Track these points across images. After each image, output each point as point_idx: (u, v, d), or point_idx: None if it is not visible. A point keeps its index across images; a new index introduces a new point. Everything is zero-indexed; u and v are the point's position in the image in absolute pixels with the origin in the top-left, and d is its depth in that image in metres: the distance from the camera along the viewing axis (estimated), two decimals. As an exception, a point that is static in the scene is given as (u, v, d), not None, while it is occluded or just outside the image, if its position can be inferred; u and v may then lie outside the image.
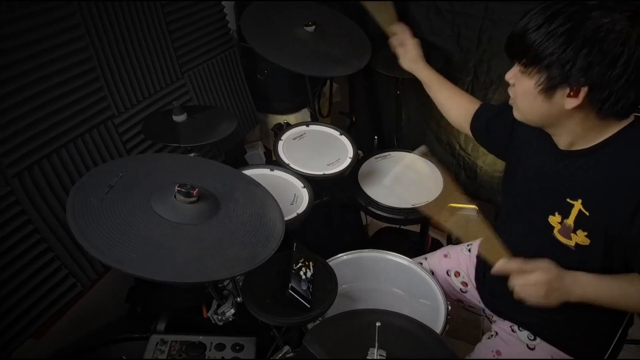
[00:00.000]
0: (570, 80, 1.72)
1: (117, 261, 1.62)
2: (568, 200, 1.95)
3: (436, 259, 2.91)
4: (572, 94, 1.75)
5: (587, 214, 1.90)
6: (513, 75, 1.94)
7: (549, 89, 1.79)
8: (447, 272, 2.82)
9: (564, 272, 1.96)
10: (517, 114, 2.02)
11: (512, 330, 2.41)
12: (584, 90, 1.72)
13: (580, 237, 1.95)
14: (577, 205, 1.92)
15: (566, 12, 1.69)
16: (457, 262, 2.83)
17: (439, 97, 2.78)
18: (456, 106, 2.70)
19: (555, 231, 2.03)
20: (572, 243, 1.98)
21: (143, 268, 1.64)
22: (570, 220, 1.96)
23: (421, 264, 2.86)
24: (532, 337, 2.34)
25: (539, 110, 1.88)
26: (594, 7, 1.65)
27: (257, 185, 2.27)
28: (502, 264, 2.03)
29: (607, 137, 1.84)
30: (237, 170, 2.34)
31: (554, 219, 2.03)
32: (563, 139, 1.96)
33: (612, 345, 2.24)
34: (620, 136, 1.83)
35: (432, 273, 2.80)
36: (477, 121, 2.59)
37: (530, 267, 1.96)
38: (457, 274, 2.79)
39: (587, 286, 1.96)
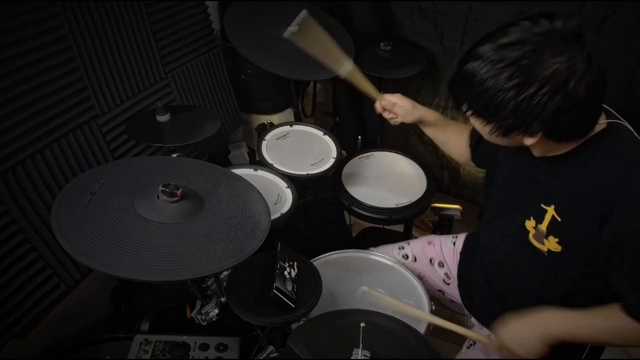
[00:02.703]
0: (525, 129, 1.73)
1: (104, 265, 1.62)
2: (542, 205, 1.96)
3: (419, 245, 2.90)
4: (527, 135, 1.76)
5: (559, 219, 1.91)
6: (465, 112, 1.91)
7: (504, 134, 1.80)
8: (431, 261, 2.82)
9: (527, 322, 2.04)
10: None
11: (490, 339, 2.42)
12: (538, 134, 1.74)
13: (552, 244, 1.95)
14: (550, 210, 1.93)
15: (515, 60, 1.65)
16: (440, 251, 2.83)
17: (446, 134, 2.72)
18: (462, 138, 2.65)
19: (530, 236, 2.04)
20: (544, 249, 1.99)
21: (129, 270, 1.64)
22: (543, 226, 1.97)
23: (402, 247, 2.88)
24: None
25: (500, 142, 1.88)
26: (539, 51, 1.63)
27: (240, 179, 2.27)
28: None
29: (578, 144, 1.84)
30: (219, 167, 2.33)
31: (530, 224, 2.03)
32: (535, 152, 1.97)
33: (586, 350, 2.25)
34: (591, 142, 1.83)
35: (414, 259, 2.83)
36: (476, 152, 2.59)
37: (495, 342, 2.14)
38: (441, 264, 2.79)
39: (559, 324, 2.00)
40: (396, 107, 2.65)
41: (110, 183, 1.97)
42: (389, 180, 3.24)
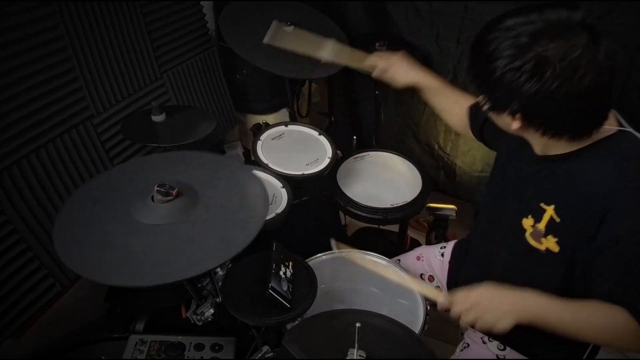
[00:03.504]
0: (505, 105, 1.74)
1: (103, 278, 1.63)
2: (542, 205, 1.94)
3: (410, 261, 2.90)
4: (510, 115, 1.77)
5: (558, 220, 1.90)
6: None
7: (492, 109, 1.80)
8: (421, 276, 2.82)
9: (507, 290, 1.93)
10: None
11: (483, 342, 2.41)
12: (518, 117, 1.75)
13: (551, 243, 1.94)
14: (550, 210, 1.92)
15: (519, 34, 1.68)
16: (429, 266, 2.83)
17: (444, 103, 2.66)
18: (462, 107, 2.58)
19: (527, 234, 2.02)
20: (542, 247, 1.97)
21: (127, 278, 1.65)
22: (541, 225, 1.95)
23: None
24: (502, 347, 2.33)
25: (496, 121, 1.89)
26: (539, 35, 1.64)
27: (238, 165, 2.27)
28: (442, 301, 2.08)
29: (582, 146, 1.83)
30: (213, 155, 2.33)
31: (527, 222, 2.02)
32: (535, 147, 1.97)
33: (589, 349, 2.23)
34: (596, 146, 1.82)
35: (407, 275, 2.80)
36: (475, 122, 2.53)
37: (466, 294, 1.98)
38: (430, 278, 2.79)
39: (536, 308, 1.89)
40: (388, 70, 2.64)
41: (106, 193, 1.98)
42: (384, 180, 3.25)
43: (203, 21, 3.63)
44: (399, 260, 2.91)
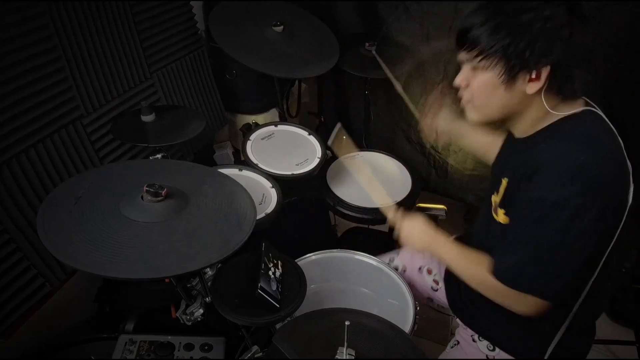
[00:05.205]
0: (531, 65, 1.77)
1: (92, 267, 1.62)
2: (502, 178, 2.02)
3: (408, 255, 2.89)
4: (533, 77, 1.80)
5: (507, 190, 1.98)
6: (464, 77, 1.97)
7: (510, 78, 1.81)
8: (420, 269, 2.82)
9: (426, 230, 2.29)
10: (473, 115, 2.03)
11: (473, 340, 2.41)
12: (545, 71, 1.78)
13: (501, 215, 2.02)
14: (504, 183, 1.99)
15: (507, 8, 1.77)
16: (429, 259, 2.82)
17: (484, 140, 2.64)
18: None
19: (492, 209, 2.11)
20: (500, 220, 2.05)
21: (118, 269, 1.64)
22: (498, 197, 2.05)
23: (393, 259, 2.87)
24: (492, 348, 2.33)
25: (500, 102, 1.91)
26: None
27: (224, 176, 2.28)
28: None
29: (552, 122, 1.89)
30: (202, 166, 2.34)
31: (494, 198, 2.10)
32: (519, 128, 2.01)
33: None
34: (560, 124, 1.87)
35: (404, 269, 2.83)
36: None
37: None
38: (429, 271, 2.79)
39: (432, 242, 2.26)
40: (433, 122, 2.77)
41: (96, 187, 1.98)
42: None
43: (193, 21, 3.62)
44: (398, 253, 2.92)
